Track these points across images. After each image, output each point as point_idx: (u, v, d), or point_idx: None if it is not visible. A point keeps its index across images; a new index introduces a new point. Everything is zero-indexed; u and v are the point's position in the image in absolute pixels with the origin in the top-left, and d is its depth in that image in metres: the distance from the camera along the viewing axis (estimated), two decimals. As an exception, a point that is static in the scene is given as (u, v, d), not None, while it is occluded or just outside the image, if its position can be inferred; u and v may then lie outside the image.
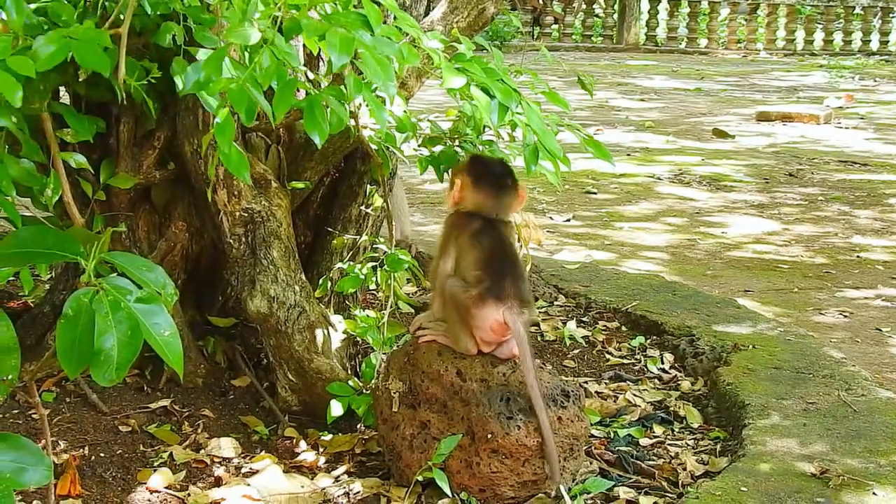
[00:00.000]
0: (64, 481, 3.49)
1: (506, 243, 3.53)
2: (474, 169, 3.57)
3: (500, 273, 3.42)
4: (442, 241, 3.60)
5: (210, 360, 4.34)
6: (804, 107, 15.49)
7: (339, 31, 2.77)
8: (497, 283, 3.40)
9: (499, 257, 3.46)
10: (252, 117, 2.81)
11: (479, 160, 3.64)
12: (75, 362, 2.36)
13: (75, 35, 2.69)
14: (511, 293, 3.40)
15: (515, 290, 3.42)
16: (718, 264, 7.37)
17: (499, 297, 3.39)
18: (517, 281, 3.45)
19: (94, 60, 2.68)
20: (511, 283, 3.42)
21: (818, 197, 9.71)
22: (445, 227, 3.62)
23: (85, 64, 2.69)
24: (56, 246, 2.54)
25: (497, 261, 3.45)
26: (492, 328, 3.41)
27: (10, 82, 2.63)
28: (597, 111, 15.26)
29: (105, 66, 2.69)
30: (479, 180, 3.53)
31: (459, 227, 3.52)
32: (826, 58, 26.13)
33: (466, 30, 3.99)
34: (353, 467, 3.75)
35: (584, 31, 27.96)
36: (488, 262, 3.44)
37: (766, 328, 4.97)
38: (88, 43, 2.69)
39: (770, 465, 3.58)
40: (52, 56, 2.66)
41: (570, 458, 3.52)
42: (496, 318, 3.39)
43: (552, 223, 8.44)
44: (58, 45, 2.67)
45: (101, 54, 2.69)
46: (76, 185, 3.87)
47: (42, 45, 2.68)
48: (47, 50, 2.67)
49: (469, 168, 3.57)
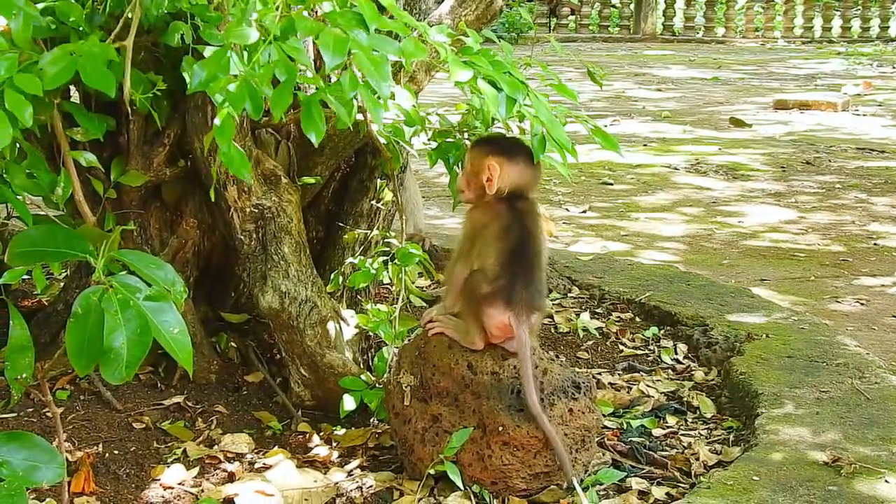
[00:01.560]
0: (78, 479, 3.50)
1: (532, 239, 3.48)
2: (502, 148, 3.50)
3: (516, 274, 3.39)
4: (467, 236, 3.54)
5: (223, 356, 4.35)
6: (822, 94, 15.46)
7: (332, 31, 2.77)
8: (510, 285, 3.37)
9: (520, 256, 3.41)
10: (259, 110, 2.82)
11: (497, 140, 3.59)
12: (85, 361, 2.38)
13: (81, 52, 2.72)
14: (523, 297, 3.38)
15: (527, 294, 3.40)
16: (735, 254, 7.36)
17: (509, 301, 3.37)
18: (531, 285, 3.42)
19: (100, 80, 2.74)
20: (524, 287, 3.39)
21: (835, 185, 9.68)
22: (472, 222, 3.55)
23: (91, 83, 2.74)
24: (67, 244, 2.57)
25: (518, 260, 3.40)
26: (497, 327, 3.42)
27: (20, 101, 2.68)
28: (614, 101, 15.25)
29: (110, 86, 2.74)
30: (512, 158, 3.46)
31: (489, 220, 3.46)
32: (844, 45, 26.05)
33: (475, 22, 3.99)
34: (365, 461, 3.75)
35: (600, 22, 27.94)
36: (510, 258, 3.40)
37: (780, 317, 4.96)
38: (94, 60, 2.72)
39: (782, 454, 3.57)
40: (59, 75, 2.71)
41: (581, 450, 3.53)
42: (501, 320, 3.38)
43: (568, 214, 8.44)
44: (64, 64, 2.71)
45: (106, 73, 2.74)
46: (87, 183, 3.88)
47: (48, 63, 2.71)
48: (54, 69, 2.70)
49: (496, 149, 3.49)
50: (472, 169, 3.52)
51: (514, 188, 3.47)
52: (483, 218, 3.50)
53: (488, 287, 3.38)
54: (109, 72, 2.76)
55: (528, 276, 3.42)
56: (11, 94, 2.66)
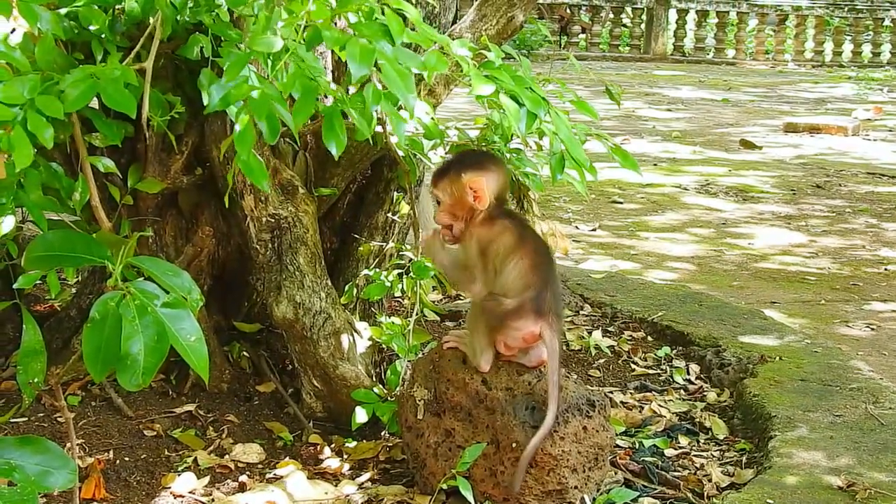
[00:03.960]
0: (88, 485, 3.50)
1: (544, 244, 3.48)
2: (469, 163, 3.45)
3: (542, 283, 3.35)
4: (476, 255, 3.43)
5: (235, 365, 4.34)
6: (832, 118, 15.43)
7: (359, 42, 2.77)
8: (539, 295, 3.34)
9: (540, 264, 3.37)
10: (276, 134, 2.83)
11: (456, 161, 3.52)
12: (101, 366, 2.37)
13: (101, 74, 2.73)
14: (551, 306, 3.36)
15: (555, 304, 3.38)
16: (745, 275, 7.35)
17: (539, 312, 3.33)
18: (556, 292, 3.40)
19: (121, 102, 2.78)
20: (552, 295, 3.37)
21: (846, 209, 9.67)
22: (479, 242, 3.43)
23: (112, 105, 2.77)
24: (83, 250, 2.56)
25: (539, 268, 3.36)
26: (524, 338, 3.38)
27: (41, 123, 2.70)
28: (623, 121, 15.23)
29: (131, 108, 2.76)
30: (484, 167, 3.42)
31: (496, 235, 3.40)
32: (855, 69, 26.01)
33: (495, 37, 3.98)
34: (377, 474, 3.74)
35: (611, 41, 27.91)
36: (532, 268, 3.35)
37: (793, 340, 4.95)
38: (114, 82, 2.74)
39: (796, 477, 3.56)
40: (79, 98, 2.74)
41: (594, 468, 3.51)
42: (532, 330, 3.34)
43: (578, 232, 8.43)
44: (84, 86, 2.74)
45: (126, 95, 2.76)
46: (104, 189, 3.87)
47: (69, 86, 2.72)
48: (75, 92, 2.71)
49: (465, 166, 3.42)
50: (452, 199, 3.44)
51: (498, 195, 3.45)
52: (489, 234, 3.43)
53: (514, 301, 3.34)
54: (129, 94, 2.78)
55: (552, 283, 3.40)
56: (33, 115, 2.67)
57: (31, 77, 2.77)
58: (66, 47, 3.45)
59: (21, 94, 2.71)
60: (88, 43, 3.46)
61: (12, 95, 2.70)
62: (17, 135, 2.67)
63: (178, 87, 3.83)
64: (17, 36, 3.21)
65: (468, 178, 3.38)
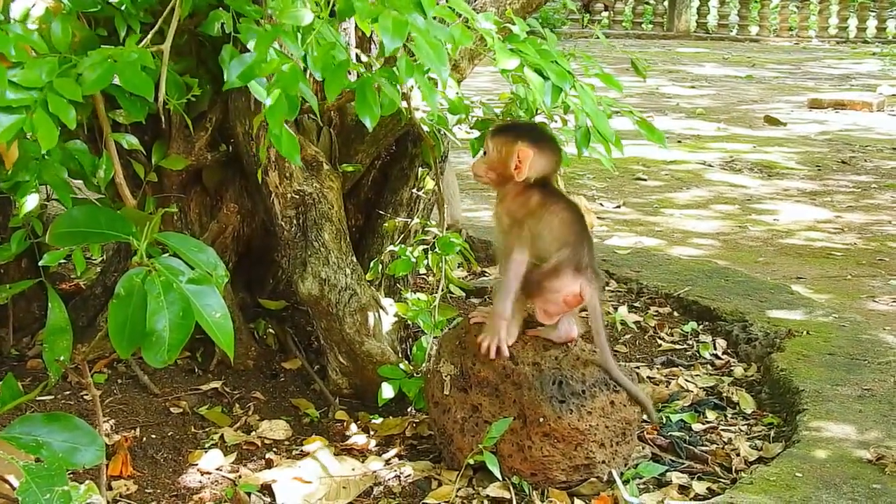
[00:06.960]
0: (115, 462, 3.50)
1: (578, 211, 3.47)
2: (532, 136, 3.42)
3: (579, 239, 3.36)
4: (512, 224, 3.43)
5: (261, 342, 4.34)
6: (857, 94, 15.34)
7: (392, 14, 2.75)
8: (576, 251, 3.34)
9: (574, 226, 3.38)
10: (295, 110, 2.81)
11: (523, 127, 3.56)
12: (127, 343, 2.36)
13: (118, 57, 2.72)
14: (589, 263, 3.36)
15: (591, 260, 3.39)
16: (770, 251, 7.31)
17: (577, 268, 3.33)
18: (592, 250, 3.42)
19: (138, 85, 2.77)
20: (588, 253, 3.38)
21: (871, 184, 9.60)
22: (510, 213, 3.44)
23: (129, 87, 2.77)
24: (109, 226, 2.54)
25: (574, 230, 3.37)
26: (565, 300, 3.36)
27: (63, 104, 2.70)
28: (647, 98, 15.18)
29: (149, 91, 2.77)
30: (542, 146, 3.40)
31: (530, 206, 3.40)
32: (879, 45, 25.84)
33: (520, 11, 3.96)
34: (403, 450, 3.74)
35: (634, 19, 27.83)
36: (566, 230, 3.36)
37: (821, 314, 4.91)
38: (132, 65, 2.73)
39: (825, 451, 3.53)
40: (97, 81, 2.73)
41: (622, 443, 3.50)
42: (572, 289, 3.34)
43: (602, 209, 8.40)
44: (102, 69, 2.73)
45: (144, 78, 2.77)
46: (128, 166, 3.88)
47: (87, 69, 2.71)
48: (92, 75, 2.70)
49: (526, 136, 3.40)
50: (497, 156, 3.43)
51: (541, 176, 3.42)
52: (517, 202, 3.43)
53: (551, 262, 3.33)
54: (147, 76, 2.77)
55: (587, 240, 3.41)
56: (53, 97, 2.67)
57: (48, 59, 2.76)
58: (88, 23, 3.44)
59: (39, 77, 2.70)
60: (111, 18, 3.45)
61: (31, 79, 2.69)
62: (39, 117, 2.66)
63: (201, 64, 3.83)
64: (38, 10, 3.20)
65: (521, 146, 3.36)
